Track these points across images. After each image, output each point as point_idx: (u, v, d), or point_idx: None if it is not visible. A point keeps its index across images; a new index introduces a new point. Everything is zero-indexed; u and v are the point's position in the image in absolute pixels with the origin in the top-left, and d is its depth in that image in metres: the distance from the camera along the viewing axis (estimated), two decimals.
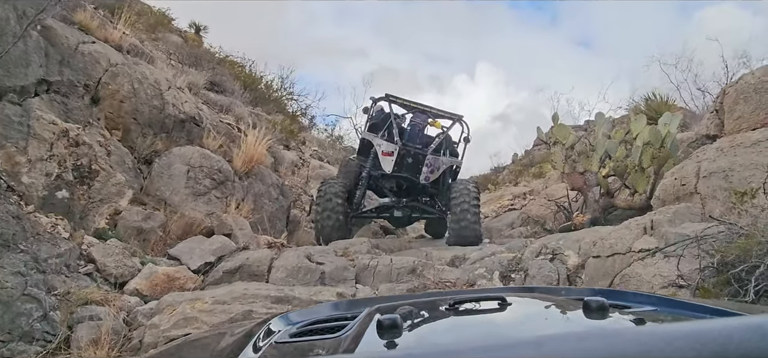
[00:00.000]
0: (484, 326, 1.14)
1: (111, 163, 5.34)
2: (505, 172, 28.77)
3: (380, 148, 6.90)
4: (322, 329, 1.16)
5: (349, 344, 0.97)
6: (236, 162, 6.88)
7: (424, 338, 1.10)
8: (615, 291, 1.52)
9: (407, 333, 0.97)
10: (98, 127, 5.50)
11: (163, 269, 4.48)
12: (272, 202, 7.29)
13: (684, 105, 9.29)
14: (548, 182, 11.02)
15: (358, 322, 1.09)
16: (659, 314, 1.14)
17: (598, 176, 5.87)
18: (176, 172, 5.87)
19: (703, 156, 3.85)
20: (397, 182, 7.20)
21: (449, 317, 1.15)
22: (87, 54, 5.68)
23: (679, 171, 3.99)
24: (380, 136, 7.13)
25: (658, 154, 4.99)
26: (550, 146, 6.36)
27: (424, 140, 7.31)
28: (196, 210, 5.78)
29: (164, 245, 5.22)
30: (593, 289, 1.65)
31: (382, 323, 0.92)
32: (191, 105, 6.77)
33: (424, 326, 1.16)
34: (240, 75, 13.73)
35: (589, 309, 1.01)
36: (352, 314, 1.23)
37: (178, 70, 9.36)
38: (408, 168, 6.91)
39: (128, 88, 5.84)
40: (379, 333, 0.92)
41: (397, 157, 6.79)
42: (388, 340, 0.91)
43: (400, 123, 7.47)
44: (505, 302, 1.17)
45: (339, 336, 1.06)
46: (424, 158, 6.88)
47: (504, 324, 1.14)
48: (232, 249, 5.06)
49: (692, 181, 3.72)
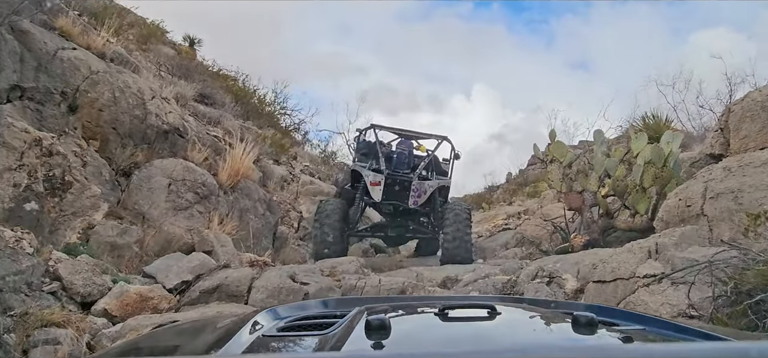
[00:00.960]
0: (472, 332, 1.13)
1: (86, 174, 5.07)
2: (500, 191, 28.67)
3: (368, 178, 7.27)
4: (310, 326, 1.16)
5: (337, 342, 0.97)
6: (222, 176, 6.62)
7: (411, 340, 1.09)
8: (605, 307, 1.46)
9: (395, 335, 0.95)
10: (74, 137, 5.24)
11: (135, 288, 4.18)
12: (258, 218, 7.02)
13: (681, 126, 9.17)
14: (543, 202, 10.82)
15: (347, 321, 1.10)
16: (647, 334, 1.14)
17: (597, 196, 5.67)
18: (157, 186, 5.61)
19: (710, 176, 3.65)
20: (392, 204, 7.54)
21: (438, 322, 1.14)
22: (66, 60, 5.45)
23: (683, 192, 3.79)
24: (369, 165, 7.50)
25: (661, 174, 4.79)
26: (547, 164, 6.17)
27: (413, 164, 7.71)
28: (176, 225, 5.50)
29: (140, 262, 4.93)
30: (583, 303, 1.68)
31: (371, 324, 0.92)
32: (176, 116, 6.53)
33: (413, 328, 1.17)
34: (232, 88, 13.54)
35: (578, 324, 1.00)
36: (342, 312, 1.24)
37: (167, 82, 9.15)
38: (396, 195, 7.27)
39: (109, 96, 5.60)
40: (367, 333, 0.92)
41: (384, 185, 7.17)
42: (376, 340, 0.91)
43: (388, 151, 7.91)
44: (494, 311, 1.16)
45: (327, 333, 1.06)
46: (410, 184, 7.24)
47: (492, 332, 1.14)
48: (211, 267, 4.77)
49: (698, 202, 3.51)
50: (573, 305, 1.47)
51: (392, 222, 7.89)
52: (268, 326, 1.19)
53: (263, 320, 1.23)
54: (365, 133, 8.18)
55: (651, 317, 1.31)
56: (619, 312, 1.33)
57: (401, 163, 7.56)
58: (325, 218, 7.00)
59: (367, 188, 7.28)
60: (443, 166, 8.15)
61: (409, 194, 7.19)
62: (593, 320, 1.00)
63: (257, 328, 1.15)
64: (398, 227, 7.76)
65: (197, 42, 16.60)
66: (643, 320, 1.24)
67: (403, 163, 7.58)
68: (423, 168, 7.54)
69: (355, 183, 7.84)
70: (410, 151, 7.84)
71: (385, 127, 8.02)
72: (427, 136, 8.15)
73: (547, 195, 9.88)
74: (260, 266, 4.88)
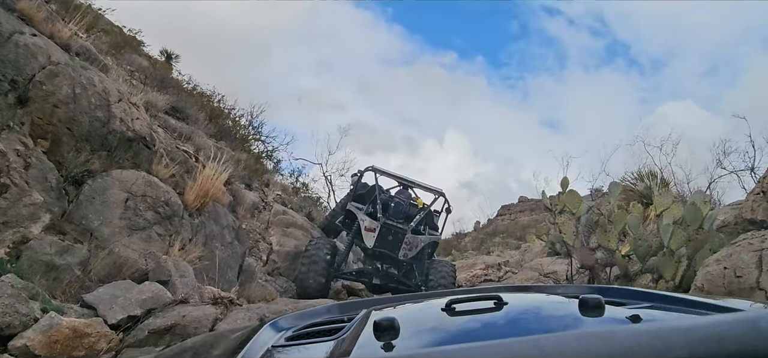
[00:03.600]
0: (481, 324, 1.09)
1: (28, 178, 4.32)
2: (468, 238, 28.52)
3: (363, 223, 7.25)
4: (318, 332, 1.16)
5: (347, 347, 0.96)
6: (188, 196, 5.92)
7: (421, 338, 1.04)
8: (612, 288, 1.43)
9: (404, 334, 0.92)
10: (20, 133, 4.50)
11: (69, 321, 3.43)
12: (225, 246, 6.30)
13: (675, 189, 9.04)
14: (525, 254, 10.46)
15: (355, 324, 1.11)
16: (655, 311, 1.12)
17: (617, 255, 5.24)
18: (112, 199, 4.87)
19: (763, 245, 3.29)
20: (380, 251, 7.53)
21: (446, 317, 1.10)
22: (22, 45, 4.75)
23: (727, 259, 3.41)
24: (366, 209, 7.48)
25: (695, 236, 4.41)
26: (555, 215, 5.78)
27: (407, 215, 7.63)
28: (129, 248, 4.75)
29: (81, 288, 4.15)
30: (590, 286, 1.64)
31: (379, 325, 0.91)
32: (144, 124, 5.85)
33: (421, 326, 1.13)
34: (206, 106, 12.87)
35: (586, 306, 1.00)
36: (348, 316, 1.25)
37: (138, 89, 8.44)
38: (388, 244, 7.26)
39: (67, 92, 4.90)
40: (376, 334, 0.91)
41: (379, 234, 7.19)
42: (386, 341, 0.90)
43: (386, 197, 7.90)
44: (501, 301, 1.13)
45: (336, 338, 1.05)
46: (404, 236, 7.26)
47: (501, 322, 1.09)
48: (166, 301, 4.05)
49: (752, 273, 3.14)
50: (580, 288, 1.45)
51: (378, 270, 7.75)
52: (275, 337, 1.17)
53: (271, 331, 1.22)
54: (363, 175, 8.07)
55: (659, 293, 1.27)
56: (627, 291, 1.32)
57: (398, 212, 7.51)
58: (313, 263, 6.99)
59: (360, 230, 7.25)
60: (435, 220, 8.15)
61: (401, 246, 7.19)
62: (600, 301, 1.00)
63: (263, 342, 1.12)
64: (383, 275, 7.65)
65: (174, 57, 15.95)
66: (651, 297, 1.23)
67: (400, 213, 7.53)
68: (418, 222, 7.53)
69: (346, 220, 7.77)
70: (408, 202, 7.81)
71: (385, 172, 7.96)
72: (425, 188, 8.10)
73: (531, 247, 9.53)
74: (225, 305, 4.19)
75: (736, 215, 4.60)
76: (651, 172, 7.18)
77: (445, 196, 7.96)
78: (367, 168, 7.98)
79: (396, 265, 7.72)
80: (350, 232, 7.58)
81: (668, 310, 1.13)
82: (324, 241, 7.56)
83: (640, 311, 1.08)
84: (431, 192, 8.05)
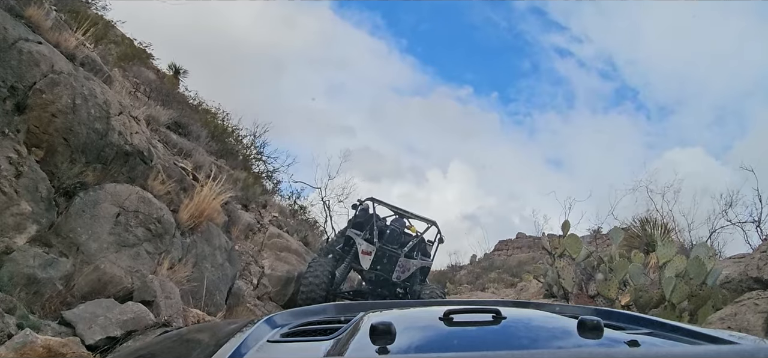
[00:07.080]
0: (477, 336, 1.08)
1: (18, 186, 4.23)
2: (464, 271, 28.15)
3: (360, 247, 7.88)
4: (314, 331, 1.16)
5: (341, 348, 0.96)
6: (182, 214, 5.82)
7: (416, 345, 1.03)
8: (611, 311, 1.42)
9: (400, 339, 0.91)
10: (14, 140, 4.43)
11: (44, 339, 3.29)
12: (216, 268, 6.16)
13: (676, 237, 8.91)
14: (520, 293, 10.28)
15: (352, 326, 1.11)
16: (653, 338, 1.12)
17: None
18: (102, 213, 4.77)
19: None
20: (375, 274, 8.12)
21: (443, 326, 1.10)
22: (25, 52, 4.72)
23: (732, 319, 3.30)
24: (363, 234, 8.13)
25: (698, 292, 4.27)
26: (554, 258, 5.66)
27: (402, 241, 8.29)
28: (117, 264, 4.62)
29: (62, 304, 4.02)
30: (589, 307, 1.63)
31: (376, 328, 0.91)
32: (142, 138, 5.79)
33: (417, 333, 1.12)
34: (210, 123, 12.87)
35: (584, 327, 1.00)
36: (346, 317, 1.25)
37: (142, 102, 8.44)
38: (383, 267, 7.87)
39: (67, 101, 4.85)
40: (372, 338, 0.90)
41: (374, 257, 7.80)
42: (381, 345, 0.90)
43: (382, 224, 8.60)
44: (499, 315, 1.12)
45: (332, 338, 1.06)
46: (397, 260, 7.84)
47: (497, 336, 1.07)
48: (148, 323, 3.91)
49: (758, 335, 3.01)
50: (579, 309, 1.43)
51: (373, 291, 8.38)
52: (271, 333, 1.16)
53: (267, 325, 1.21)
54: (363, 203, 8.85)
55: (658, 320, 1.27)
56: (625, 315, 1.31)
57: (392, 238, 8.16)
58: (316, 277, 7.42)
59: (357, 254, 7.86)
60: (427, 247, 8.85)
61: (395, 269, 7.77)
62: (599, 323, 0.99)
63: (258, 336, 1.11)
64: (378, 296, 8.21)
65: (182, 72, 16.04)
66: (649, 323, 1.22)
67: (394, 239, 8.18)
68: (411, 247, 8.16)
69: (345, 247, 8.47)
70: (402, 230, 8.56)
71: (383, 202, 8.76)
72: (418, 218, 8.87)
73: (527, 286, 9.42)
74: None
75: (741, 272, 4.48)
76: (651, 218, 7.09)
77: (438, 226, 8.70)
78: (366, 199, 8.78)
79: (390, 288, 8.22)
80: (349, 256, 8.17)
81: (666, 338, 1.12)
82: (325, 260, 8.10)
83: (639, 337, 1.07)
84: (424, 221, 8.78)
